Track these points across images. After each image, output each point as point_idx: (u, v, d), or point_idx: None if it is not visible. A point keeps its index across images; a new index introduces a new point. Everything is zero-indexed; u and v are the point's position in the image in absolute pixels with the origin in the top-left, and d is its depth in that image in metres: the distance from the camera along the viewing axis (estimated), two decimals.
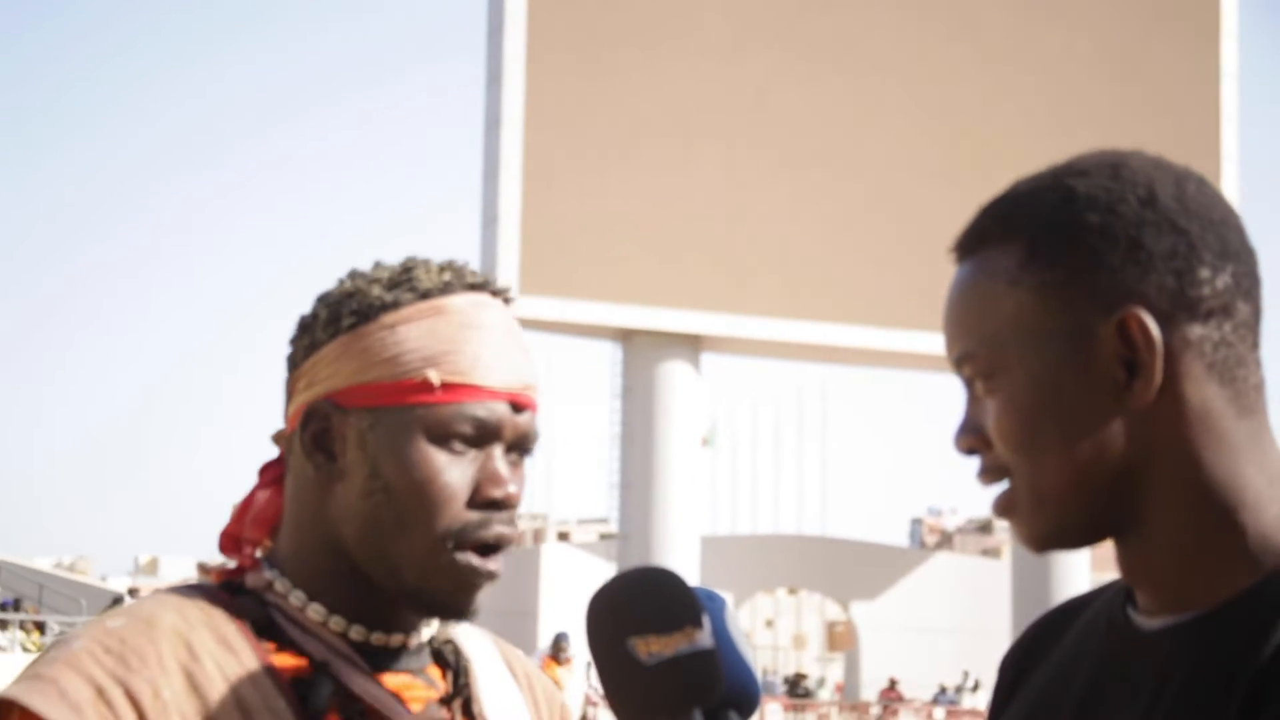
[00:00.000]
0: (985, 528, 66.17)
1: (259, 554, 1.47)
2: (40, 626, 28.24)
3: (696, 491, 15.49)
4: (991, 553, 51.19)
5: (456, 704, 1.45)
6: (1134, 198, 1.14)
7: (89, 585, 36.12)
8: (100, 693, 1.30)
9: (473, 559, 1.39)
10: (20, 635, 26.59)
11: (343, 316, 1.43)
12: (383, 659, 1.43)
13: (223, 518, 1.50)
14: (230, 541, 1.49)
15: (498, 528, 1.40)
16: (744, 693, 1.32)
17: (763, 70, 15.18)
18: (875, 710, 28.18)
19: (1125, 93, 15.92)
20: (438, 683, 1.46)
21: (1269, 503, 1.12)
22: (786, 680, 33.02)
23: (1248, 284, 1.14)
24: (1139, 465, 1.13)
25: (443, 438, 1.39)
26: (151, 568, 79.71)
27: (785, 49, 15.26)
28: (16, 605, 29.90)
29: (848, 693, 34.49)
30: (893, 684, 30.09)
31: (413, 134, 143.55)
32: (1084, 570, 16.25)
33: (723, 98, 14.99)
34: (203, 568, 1.49)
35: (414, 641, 1.46)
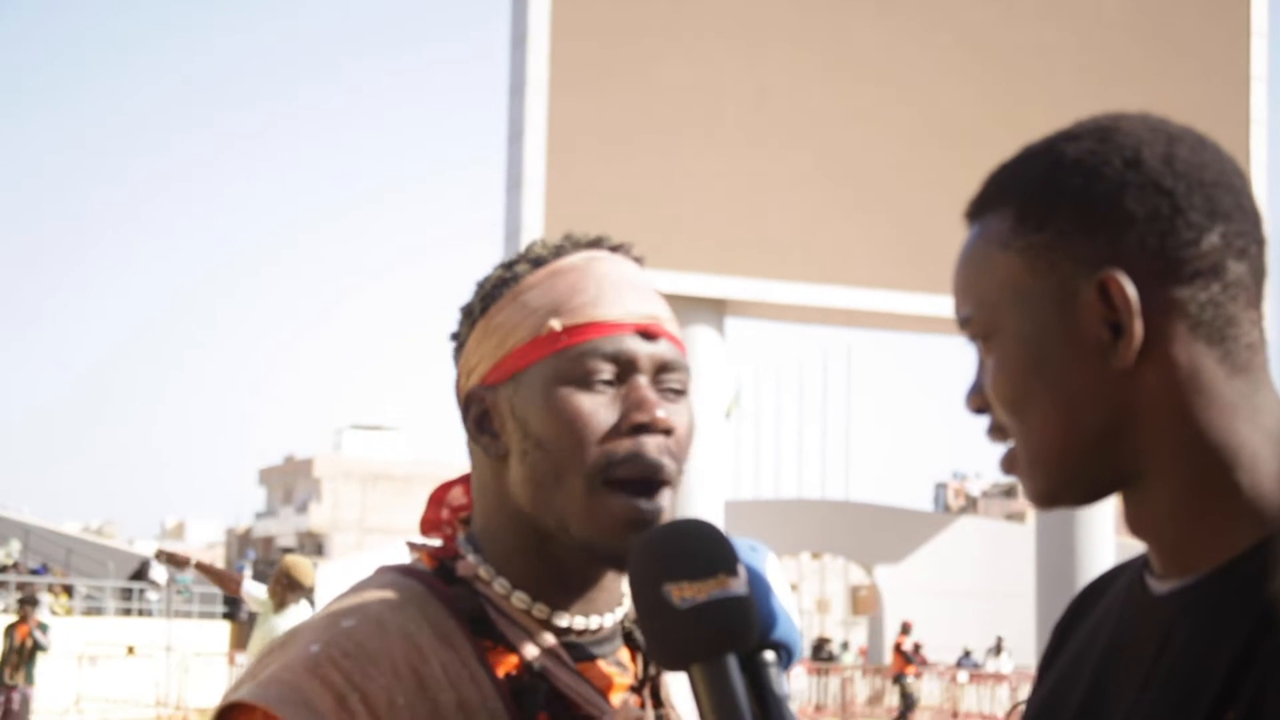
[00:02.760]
0: (1009, 492, 66.13)
1: (461, 536, 1.49)
2: (68, 590, 28.45)
3: (720, 456, 15.49)
4: (1016, 517, 51.15)
5: (646, 690, 1.45)
6: (1119, 160, 1.14)
7: (116, 549, 36.37)
8: (341, 701, 1.31)
9: (627, 498, 1.38)
10: (49, 599, 26.83)
11: (475, 307, 1.48)
12: (583, 641, 1.44)
13: (248, 482, 1.52)
14: (430, 525, 1.53)
15: (652, 454, 1.39)
16: (782, 640, 1.33)
17: (789, 33, 15.10)
18: None
19: (1152, 54, 15.80)
20: (627, 665, 1.48)
21: (1265, 461, 1.12)
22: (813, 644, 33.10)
23: (1241, 244, 1.14)
24: (1130, 424, 1.13)
25: (581, 379, 1.40)
26: (178, 532, 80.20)
27: (811, 12, 15.18)
28: (46, 570, 30.12)
29: (871, 656, 34.56)
30: (917, 648, 30.15)
31: (437, 98, 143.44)
32: (1109, 534, 16.22)
33: (751, 63, 14.93)
34: (412, 546, 1.51)
35: (610, 623, 1.47)
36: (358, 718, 1.30)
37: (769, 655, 1.32)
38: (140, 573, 29.37)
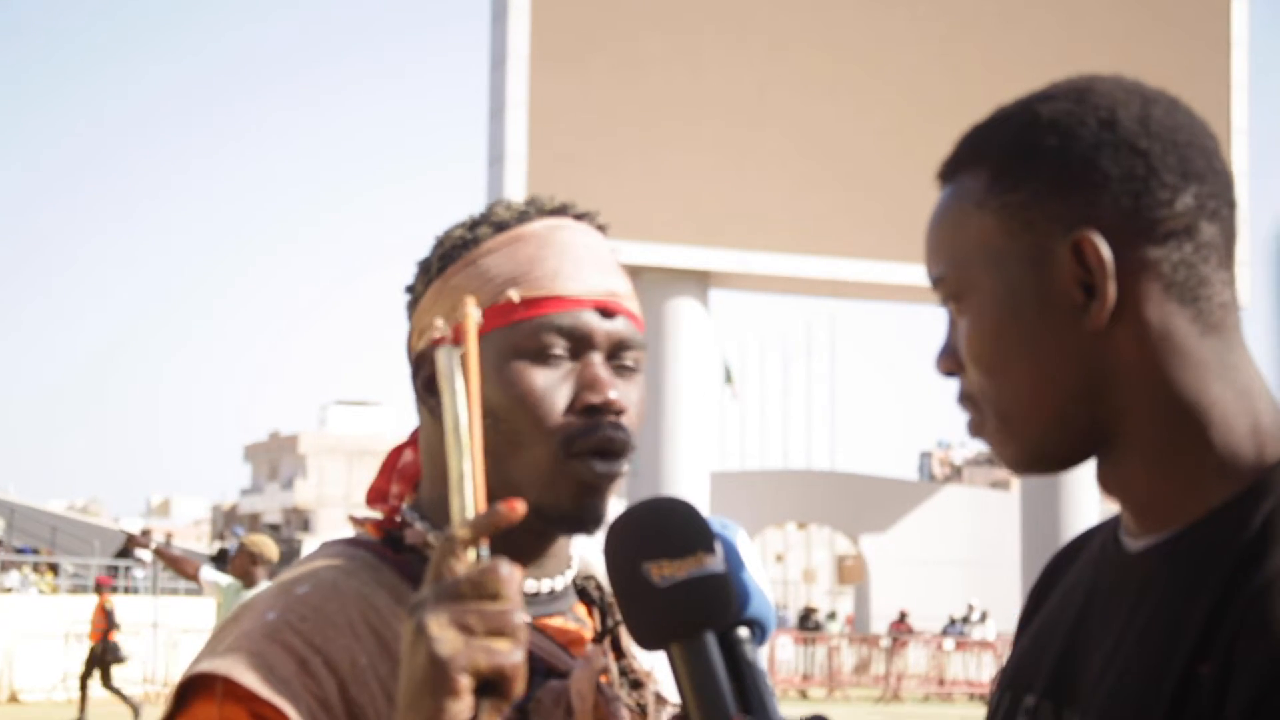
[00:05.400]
0: (994, 460, 66.07)
1: (405, 505, 1.48)
2: (54, 568, 28.40)
3: (706, 428, 15.48)
4: (1000, 485, 51.29)
5: (606, 641, 1.47)
6: (1094, 120, 1.14)
7: (102, 527, 36.34)
8: (303, 664, 1.30)
9: (588, 462, 1.39)
10: (34, 577, 26.75)
11: (432, 264, 1.46)
12: (536, 603, 1.43)
13: (233, 459, 1.50)
14: (377, 495, 1.52)
15: (605, 432, 1.39)
16: (757, 616, 1.34)
17: (770, 8, 15.05)
18: (885, 643, 28.33)
19: (1134, 21, 15.79)
20: (585, 620, 1.48)
21: (1237, 418, 1.13)
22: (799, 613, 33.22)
23: (1214, 205, 1.14)
24: (1103, 385, 1.14)
25: (535, 352, 1.39)
26: (164, 509, 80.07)
27: None
28: (35, 551, 30.07)
29: (858, 625, 34.65)
30: (902, 616, 30.23)
31: (418, 72, 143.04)
32: (1093, 501, 16.27)
33: (732, 33, 14.87)
34: (355, 520, 1.50)
35: (561, 585, 1.47)
36: (320, 680, 1.30)
37: (744, 632, 1.33)
38: (126, 551, 29.32)
